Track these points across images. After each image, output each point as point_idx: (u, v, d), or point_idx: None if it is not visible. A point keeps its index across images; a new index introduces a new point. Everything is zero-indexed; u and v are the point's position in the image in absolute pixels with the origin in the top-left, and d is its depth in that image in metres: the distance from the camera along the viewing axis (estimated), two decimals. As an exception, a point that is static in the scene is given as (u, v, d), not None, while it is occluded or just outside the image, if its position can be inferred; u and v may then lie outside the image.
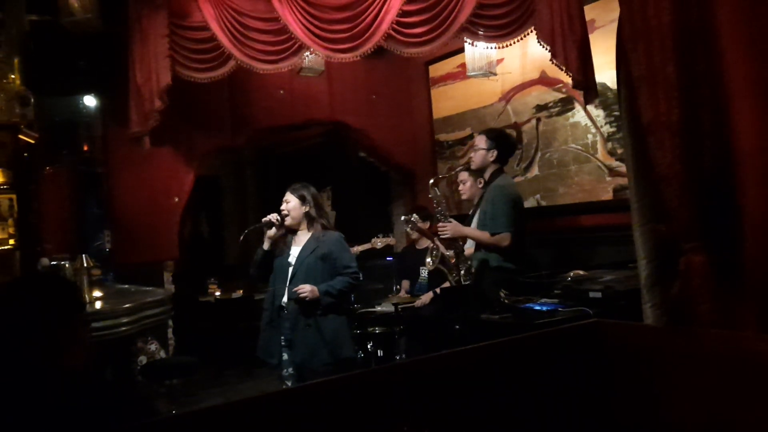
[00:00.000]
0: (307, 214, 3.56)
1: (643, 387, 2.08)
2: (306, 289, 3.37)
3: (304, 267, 3.47)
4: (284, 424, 1.66)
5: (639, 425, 2.09)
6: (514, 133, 5.13)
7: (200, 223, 7.94)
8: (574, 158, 4.72)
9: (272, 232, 3.54)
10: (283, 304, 3.47)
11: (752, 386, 1.78)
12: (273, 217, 3.53)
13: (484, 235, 3.63)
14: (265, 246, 3.56)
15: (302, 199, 3.56)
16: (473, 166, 3.94)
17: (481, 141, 3.84)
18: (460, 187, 4.27)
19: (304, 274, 3.45)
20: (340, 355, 3.46)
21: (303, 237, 3.57)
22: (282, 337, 3.46)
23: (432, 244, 4.07)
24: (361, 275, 3.63)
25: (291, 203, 3.56)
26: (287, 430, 1.66)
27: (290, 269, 3.49)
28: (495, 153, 3.78)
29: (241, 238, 3.75)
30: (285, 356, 3.45)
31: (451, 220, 3.74)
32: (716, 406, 1.86)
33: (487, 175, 3.85)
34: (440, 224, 3.73)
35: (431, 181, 3.88)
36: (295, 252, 3.54)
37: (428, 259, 4.51)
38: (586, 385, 2.14)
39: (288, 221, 3.55)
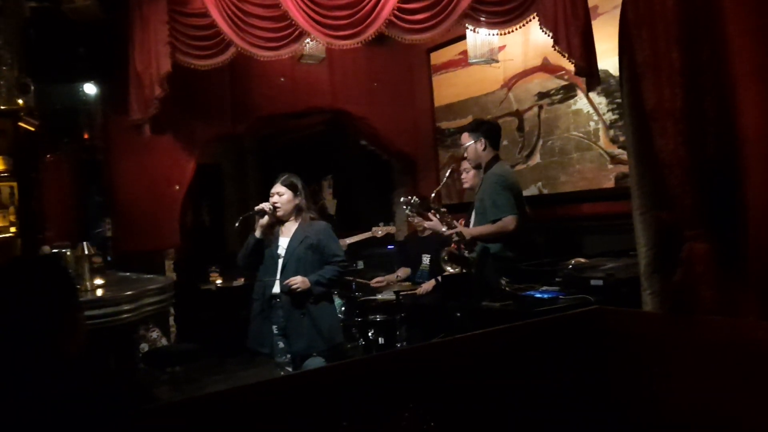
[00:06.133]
0: (296, 205, 3.59)
1: (644, 374, 2.09)
2: (297, 281, 3.44)
3: (294, 258, 3.51)
4: (287, 409, 1.67)
5: (639, 411, 2.10)
6: (516, 121, 5.12)
7: (201, 211, 7.94)
8: (576, 146, 4.70)
9: (264, 220, 3.56)
10: (275, 294, 3.51)
11: (753, 373, 1.78)
12: (266, 205, 3.56)
13: (489, 228, 3.63)
14: (258, 234, 3.58)
15: (294, 190, 3.58)
16: (472, 164, 3.96)
17: (465, 138, 3.88)
18: (463, 176, 4.26)
19: (295, 265, 3.50)
20: (335, 341, 3.58)
21: (290, 227, 3.60)
22: (275, 327, 3.52)
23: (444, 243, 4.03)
24: (358, 264, 3.67)
25: (284, 195, 3.57)
26: (290, 415, 1.67)
27: (280, 260, 3.54)
28: (483, 141, 3.78)
29: (237, 224, 3.79)
30: (281, 345, 3.50)
31: (456, 225, 3.76)
32: (716, 392, 1.86)
33: (483, 164, 3.85)
34: (448, 232, 3.72)
35: (432, 194, 3.99)
36: (283, 243, 3.57)
37: (448, 268, 4.33)
38: (587, 372, 2.15)
39: (280, 213, 3.56)
